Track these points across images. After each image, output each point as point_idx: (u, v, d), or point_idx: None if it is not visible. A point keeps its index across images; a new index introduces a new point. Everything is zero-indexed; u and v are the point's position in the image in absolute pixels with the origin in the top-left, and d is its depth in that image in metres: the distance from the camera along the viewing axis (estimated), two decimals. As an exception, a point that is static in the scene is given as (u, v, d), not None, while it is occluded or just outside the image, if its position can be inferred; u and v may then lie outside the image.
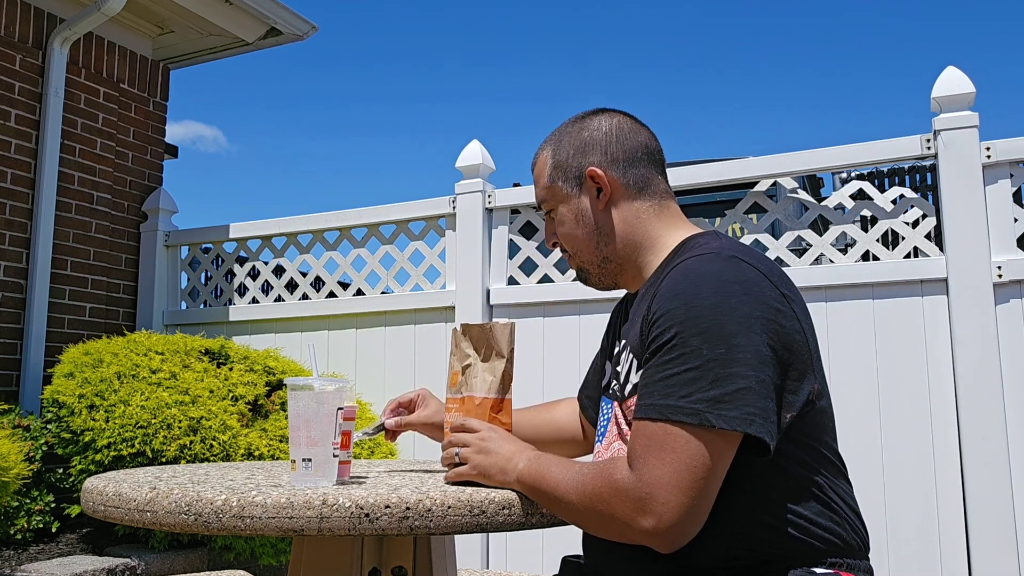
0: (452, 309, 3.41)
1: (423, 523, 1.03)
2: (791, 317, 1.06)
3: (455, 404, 1.27)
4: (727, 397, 0.98)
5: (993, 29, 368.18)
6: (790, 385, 1.05)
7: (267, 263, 4.03)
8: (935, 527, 2.56)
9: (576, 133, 1.29)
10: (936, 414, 2.60)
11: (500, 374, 1.24)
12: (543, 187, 1.31)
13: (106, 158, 4.14)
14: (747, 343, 1.00)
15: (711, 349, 1.00)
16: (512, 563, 3.16)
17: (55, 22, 3.93)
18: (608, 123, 1.28)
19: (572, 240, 1.30)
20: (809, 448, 1.09)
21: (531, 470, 1.11)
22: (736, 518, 1.05)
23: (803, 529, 1.06)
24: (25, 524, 2.90)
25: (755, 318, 1.02)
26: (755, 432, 0.99)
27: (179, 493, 1.05)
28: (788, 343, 1.04)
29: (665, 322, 1.04)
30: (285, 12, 4.34)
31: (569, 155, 1.28)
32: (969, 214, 2.61)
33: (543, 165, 1.31)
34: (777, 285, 1.08)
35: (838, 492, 1.11)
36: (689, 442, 0.98)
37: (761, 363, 1.01)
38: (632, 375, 1.16)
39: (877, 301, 2.74)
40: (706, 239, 1.17)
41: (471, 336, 1.28)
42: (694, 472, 0.98)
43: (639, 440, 1.02)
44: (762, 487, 1.06)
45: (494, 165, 3.50)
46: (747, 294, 1.03)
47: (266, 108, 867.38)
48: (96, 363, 3.05)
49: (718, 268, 1.06)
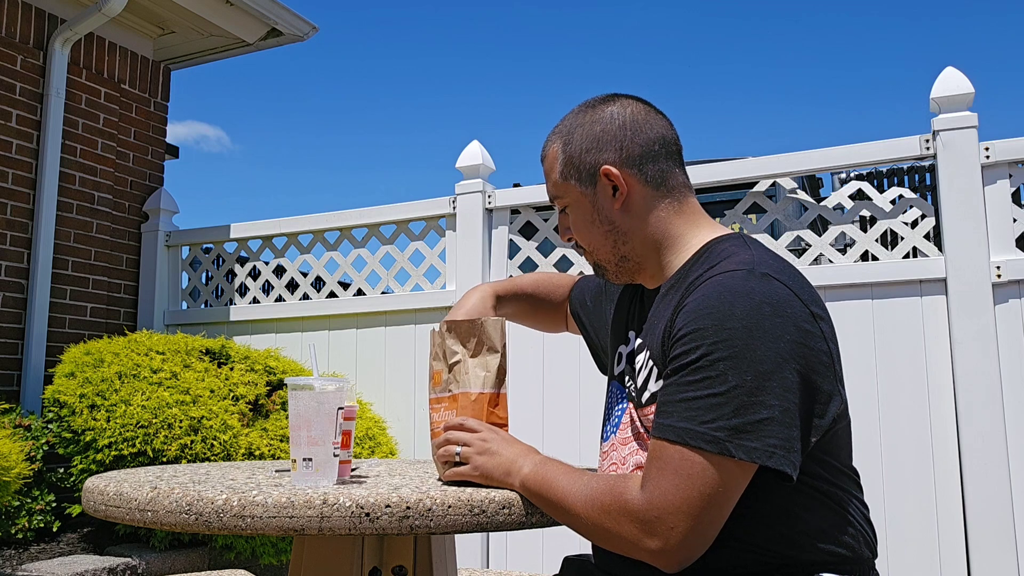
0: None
1: (423, 522, 1.03)
2: (820, 339, 1.03)
3: (443, 402, 1.24)
4: (749, 427, 0.96)
5: (993, 29, 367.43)
6: (817, 409, 1.02)
7: (268, 263, 4.03)
8: (934, 527, 2.57)
9: (588, 125, 1.21)
10: (935, 414, 2.61)
11: (495, 368, 1.21)
12: (554, 183, 1.25)
13: (107, 158, 4.15)
14: (775, 370, 0.97)
15: (737, 375, 0.97)
16: (512, 563, 3.16)
17: (56, 23, 3.94)
18: (622, 114, 1.20)
19: (588, 238, 1.24)
20: (829, 465, 1.08)
21: (537, 476, 1.10)
22: (747, 527, 1.04)
23: (819, 542, 1.05)
24: (26, 523, 2.91)
25: (785, 342, 0.99)
26: (774, 465, 0.96)
27: (180, 493, 1.05)
28: (816, 367, 1.02)
29: (692, 340, 1.01)
30: (285, 13, 4.34)
31: (582, 150, 1.20)
32: (968, 214, 2.62)
33: (553, 159, 1.24)
34: (807, 304, 1.04)
35: (854, 506, 1.10)
36: (705, 470, 0.97)
37: (787, 391, 0.98)
38: (651, 383, 1.13)
39: (876, 301, 2.75)
40: (735, 247, 1.12)
41: (458, 333, 1.24)
42: (706, 500, 0.97)
43: (655, 461, 1.00)
44: (778, 500, 1.04)
45: (494, 165, 3.51)
46: (779, 316, 1.00)
47: (269, 108, 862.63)
48: (97, 363, 3.06)
49: (751, 287, 1.01)
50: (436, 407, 1.25)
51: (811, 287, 1.09)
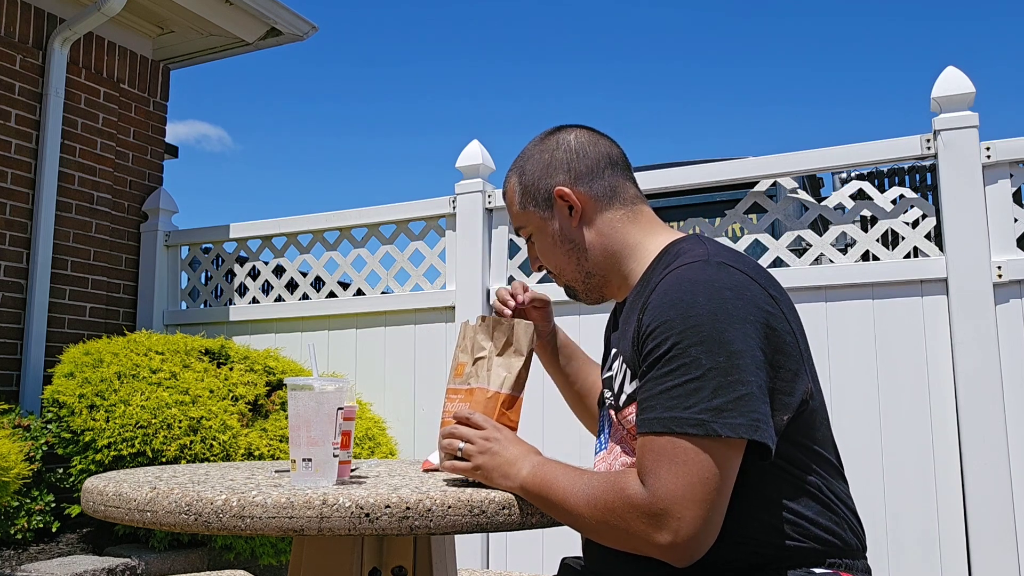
0: (452, 309, 3.41)
1: (423, 523, 1.03)
2: (781, 319, 1.07)
3: (459, 395, 1.25)
4: (730, 405, 0.98)
5: (993, 29, 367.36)
6: (783, 387, 1.05)
7: (267, 263, 4.03)
8: (935, 527, 2.57)
9: (538, 155, 1.30)
10: (936, 414, 2.61)
11: (516, 371, 1.23)
12: (516, 213, 1.33)
13: (106, 158, 4.14)
14: (745, 349, 1.00)
15: (710, 358, 1.00)
16: (512, 563, 3.16)
17: (55, 22, 3.94)
18: (567, 140, 1.30)
19: (553, 260, 1.31)
20: (805, 448, 1.10)
21: (536, 478, 1.10)
22: (735, 519, 1.04)
23: (802, 529, 1.06)
24: (25, 524, 2.91)
25: (749, 322, 1.02)
26: (760, 438, 0.99)
27: (179, 493, 1.05)
28: (779, 345, 1.05)
29: (661, 333, 1.03)
30: (285, 12, 4.34)
31: (536, 178, 1.29)
32: (969, 214, 2.62)
33: (512, 192, 1.33)
34: (765, 287, 1.08)
35: (836, 491, 1.11)
36: (698, 454, 0.98)
37: (758, 368, 1.01)
38: (626, 385, 1.15)
39: (877, 301, 2.74)
40: (690, 245, 1.17)
41: (490, 328, 1.27)
42: (706, 484, 0.98)
43: (648, 455, 1.01)
44: (761, 488, 1.06)
45: (494, 165, 3.51)
46: (740, 299, 1.03)
47: (269, 108, 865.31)
48: (96, 363, 3.05)
49: (710, 275, 1.06)
50: (452, 398, 1.26)
51: (767, 273, 1.14)
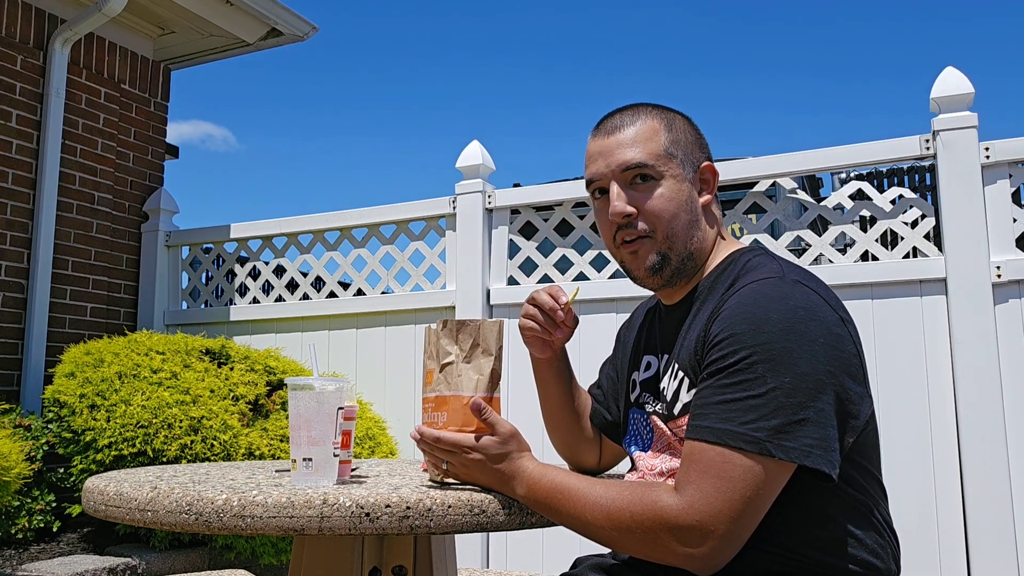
0: (452, 309, 3.41)
1: (423, 522, 1.03)
2: (849, 341, 1.05)
3: (431, 403, 1.19)
4: (788, 428, 0.97)
5: (993, 29, 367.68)
6: (852, 409, 1.03)
7: (268, 263, 4.03)
8: (934, 527, 2.57)
9: (684, 122, 1.23)
10: (935, 414, 2.61)
11: (488, 372, 1.18)
12: (652, 153, 1.18)
13: (107, 158, 4.15)
14: (811, 372, 0.99)
15: (776, 377, 0.98)
16: (512, 563, 3.16)
17: (56, 23, 3.94)
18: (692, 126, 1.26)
19: (668, 220, 1.18)
20: (862, 469, 1.08)
21: (539, 487, 1.08)
22: (784, 533, 1.03)
23: (852, 548, 1.05)
24: (26, 523, 2.91)
25: (820, 345, 1.00)
26: (811, 464, 0.97)
27: (180, 492, 1.05)
28: (849, 368, 1.03)
29: (729, 345, 1.02)
30: (285, 13, 4.35)
31: (688, 140, 1.22)
32: (968, 214, 2.62)
33: (652, 131, 1.20)
34: (835, 309, 1.07)
35: (883, 514, 1.11)
36: (747, 471, 0.96)
37: (823, 392, 0.99)
38: (682, 394, 1.13)
39: (876, 301, 2.75)
40: (761, 260, 1.15)
41: (454, 332, 1.20)
42: (748, 502, 0.96)
43: (694, 465, 0.99)
44: (815, 504, 1.04)
45: (494, 165, 3.51)
46: (812, 320, 1.01)
47: (272, 108, 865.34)
48: (97, 363, 3.06)
49: (784, 293, 1.04)
50: (427, 407, 1.20)
51: (836, 295, 1.12)
